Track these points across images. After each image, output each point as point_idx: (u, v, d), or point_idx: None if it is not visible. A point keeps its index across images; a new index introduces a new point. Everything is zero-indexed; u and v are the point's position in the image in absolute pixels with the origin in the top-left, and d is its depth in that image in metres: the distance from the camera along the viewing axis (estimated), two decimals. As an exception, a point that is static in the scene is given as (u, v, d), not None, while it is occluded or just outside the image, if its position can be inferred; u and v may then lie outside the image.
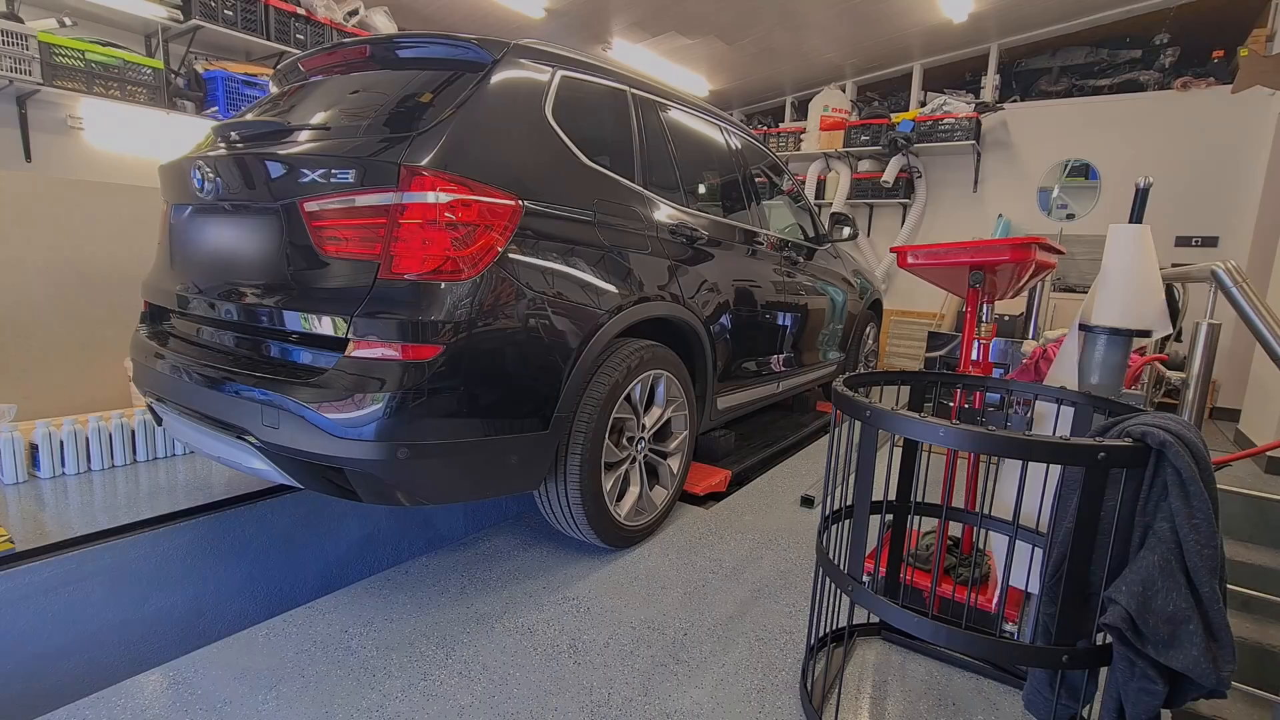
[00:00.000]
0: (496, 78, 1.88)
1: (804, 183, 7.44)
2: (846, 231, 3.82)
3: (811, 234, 3.79)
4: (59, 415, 2.58)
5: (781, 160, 3.66)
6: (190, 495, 2.27)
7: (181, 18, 4.48)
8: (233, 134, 2.00)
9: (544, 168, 1.95)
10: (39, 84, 3.93)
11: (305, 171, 1.70)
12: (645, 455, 2.27)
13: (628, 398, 2.11)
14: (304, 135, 1.88)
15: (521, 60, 1.98)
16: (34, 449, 2.40)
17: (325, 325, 1.65)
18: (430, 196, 1.62)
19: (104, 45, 4.26)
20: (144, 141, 4.64)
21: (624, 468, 2.19)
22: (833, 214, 3.89)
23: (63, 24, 4.19)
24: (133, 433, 2.60)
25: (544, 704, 1.48)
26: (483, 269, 1.69)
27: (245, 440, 1.73)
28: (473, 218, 1.69)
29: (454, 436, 1.68)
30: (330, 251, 1.68)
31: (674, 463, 2.39)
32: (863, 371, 1.54)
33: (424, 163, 1.64)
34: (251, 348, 1.83)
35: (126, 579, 1.96)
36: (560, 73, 2.09)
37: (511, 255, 1.77)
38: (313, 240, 1.69)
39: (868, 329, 4.63)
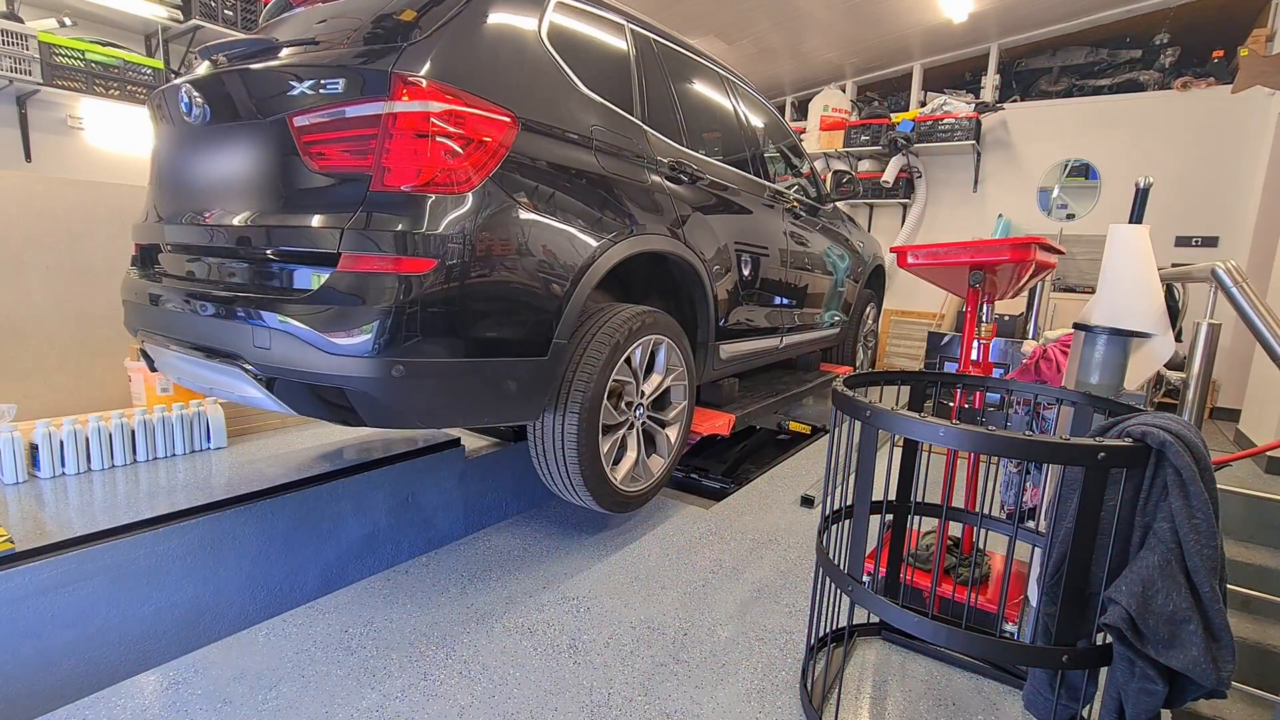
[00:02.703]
0: None
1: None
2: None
3: (814, 193, 3.80)
4: (59, 415, 2.58)
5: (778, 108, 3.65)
6: (190, 495, 2.27)
7: (181, 18, 4.49)
8: (220, 56, 1.93)
9: (539, 88, 1.90)
10: (39, 84, 3.94)
11: (293, 85, 1.65)
12: (644, 423, 2.26)
13: (628, 360, 2.09)
14: (291, 51, 1.83)
15: None
16: (34, 449, 2.40)
17: (316, 241, 1.60)
18: (423, 105, 1.57)
19: (104, 45, 4.27)
20: (144, 142, 4.64)
21: (621, 432, 2.17)
22: (834, 171, 3.90)
23: (63, 24, 4.19)
24: (133, 433, 2.59)
25: (544, 704, 1.48)
26: (478, 183, 1.65)
27: (238, 366, 1.69)
28: (467, 130, 1.64)
29: (450, 356, 1.63)
30: (320, 166, 1.64)
31: (671, 432, 2.38)
32: (862, 371, 1.53)
33: (418, 73, 1.59)
34: (242, 269, 1.78)
35: (126, 579, 1.95)
36: None
37: (508, 170, 1.72)
38: (302, 155, 1.65)
39: (868, 309, 4.64)
